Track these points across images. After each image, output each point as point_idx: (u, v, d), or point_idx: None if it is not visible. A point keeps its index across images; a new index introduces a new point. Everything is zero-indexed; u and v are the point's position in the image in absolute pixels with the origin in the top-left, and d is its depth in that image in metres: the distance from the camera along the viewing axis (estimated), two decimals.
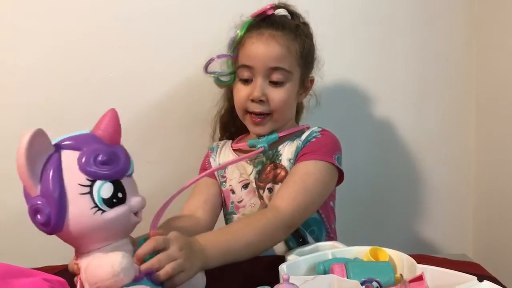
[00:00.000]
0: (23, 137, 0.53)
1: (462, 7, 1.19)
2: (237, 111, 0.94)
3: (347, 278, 0.64)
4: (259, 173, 0.94)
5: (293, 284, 0.57)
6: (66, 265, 0.68)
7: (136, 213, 0.59)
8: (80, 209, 0.55)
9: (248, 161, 0.95)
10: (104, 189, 0.56)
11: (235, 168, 0.96)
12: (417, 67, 1.21)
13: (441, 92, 1.21)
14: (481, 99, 1.20)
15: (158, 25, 1.15)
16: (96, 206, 0.56)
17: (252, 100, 0.89)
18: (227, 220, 0.99)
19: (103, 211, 0.56)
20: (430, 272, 0.64)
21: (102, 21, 1.15)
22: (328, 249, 0.76)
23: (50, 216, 0.54)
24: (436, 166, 1.23)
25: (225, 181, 0.97)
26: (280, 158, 0.93)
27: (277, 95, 0.89)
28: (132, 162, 0.60)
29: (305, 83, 0.96)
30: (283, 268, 0.67)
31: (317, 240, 0.93)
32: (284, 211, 0.79)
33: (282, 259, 0.76)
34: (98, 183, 0.56)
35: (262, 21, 0.91)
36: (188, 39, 1.15)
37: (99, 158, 0.56)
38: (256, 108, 0.90)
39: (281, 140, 0.94)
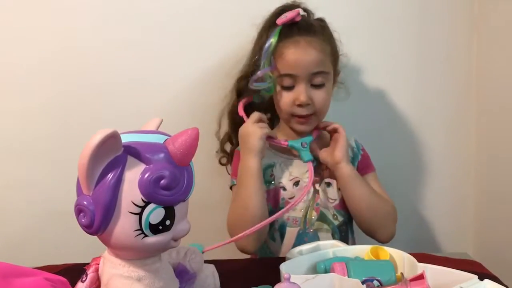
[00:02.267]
0: (94, 136, 0.49)
1: (463, 5, 1.19)
2: (281, 115, 0.99)
3: (348, 277, 0.64)
4: (315, 169, 0.97)
5: (294, 283, 0.57)
6: (68, 265, 0.68)
7: (176, 239, 0.57)
8: (124, 227, 0.53)
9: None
10: (155, 214, 0.53)
11: (283, 168, 1.01)
12: (417, 65, 1.21)
13: (441, 91, 1.21)
14: (481, 98, 1.20)
15: (163, 25, 1.15)
16: (141, 229, 0.53)
17: (299, 105, 0.94)
18: None
19: (146, 235, 0.53)
20: (431, 270, 0.64)
21: (104, 21, 1.14)
22: (329, 248, 0.76)
23: (94, 222, 0.52)
24: (437, 164, 1.23)
25: (273, 180, 1.00)
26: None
27: (320, 96, 0.94)
28: (193, 186, 0.56)
29: (336, 78, 1.02)
30: (284, 267, 0.68)
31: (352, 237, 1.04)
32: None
33: (282, 258, 0.76)
34: (150, 206, 0.52)
35: (292, 28, 0.93)
36: (194, 40, 1.15)
37: (162, 181, 0.52)
38: (303, 112, 0.94)
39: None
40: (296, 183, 0.99)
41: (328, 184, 1.00)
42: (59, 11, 1.13)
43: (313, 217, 0.98)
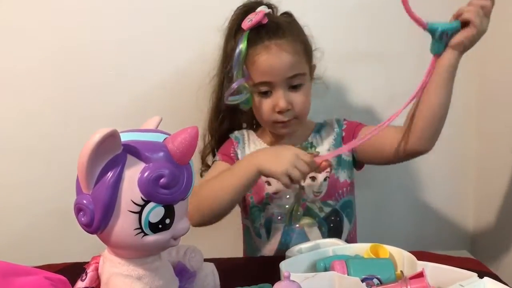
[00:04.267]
0: (94, 135, 0.49)
1: (462, 4, 1.19)
2: (263, 124, 0.97)
3: (348, 275, 0.64)
4: None
5: (293, 281, 0.57)
6: (67, 263, 0.68)
7: (175, 238, 0.57)
8: (123, 226, 0.53)
9: None
10: (154, 213, 0.53)
11: None
12: (416, 63, 1.20)
13: None
14: (481, 97, 1.20)
15: (163, 25, 1.15)
16: (140, 228, 0.53)
17: (279, 112, 0.91)
18: (253, 212, 0.99)
19: (145, 234, 0.53)
20: (431, 268, 0.64)
21: (103, 21, 1.14)
22: (328, 246, 0.76)
23: (93, 220, 0.52)
24: (436, 162, 1.23)
25: None
26: (316, 149, 0.98)
27: (299, 99, 0.92)
28: (193, 185, 0.56)
29: (312, 74, 0.99)
30: (283, 265, 0.68)
31: (350, 223, 1.00)
32: None
33: (282, 256, 0.76)
34: (150, 205, 0.52)
35: (260, 31, 0.89)
36: (195, 40, 1.15)
37: (162, 180, 0.52)
38: (284, 118, 0.92)
39: (307, 133, 1.01)
40: None
41: (313, 178, 0.97)
42: (59, 11, 1.14)
43: (298, 213, 0.96)
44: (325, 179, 0.97)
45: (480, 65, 1.19)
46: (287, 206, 0.96)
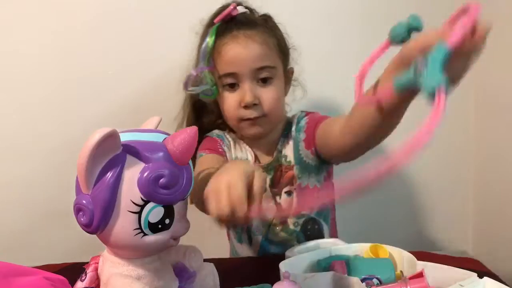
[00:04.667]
0: (93, 135, 0.49)
1: (461, 3, 1.19)
2: (229, 121, 0.90)
3: (348, 275, 0.64)
4: (272, 179, 0.91)
5: (293, 281, 0.57)
6: (67, 264, 0.68)
7: (175, 238, 0.57)
8: (123, 226, 0.52)
9: (262, 169, 0.90)
10: (154, 213, 0.53)
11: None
12: None
13: None
14: (480, 97, 1.20)
15: (162, 24, 1.15)
16: (140, 228, 0.53)
17: (245, 107, 0.85)
18: None
19: (145, 234, 0.53)
20: (430, 268, 0.64)
21: (103, 20, 1.14)
22: (328, 246, 0.76)
23: (93, 221, 0.52)
24: (436, 162, 1.23)
25: None
26: (288, 159, 0.91)
27: (268, 95, 0.85)
28: (192, 185, 0.56)
29: (287, 75, 0.93)
30: (283, 265, 0.68)
31: (328, 227, 0.94)
32: None
33: (282, 256, 0.76)
34: (150, 205, 0.52)
35: (229, 24, 0.85)
36: (191, 38, 1.15)
37: (161, 180, 0.52)
38: (250, 114, 0.85)
39: (276, 139, 0.92)
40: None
41: (289, 193, 0.91)
42: (58, 11, 1.13)
43: (277, 228, 0.92)
44: (289, 194, 0.91)
45: (479, 60, 1.18)
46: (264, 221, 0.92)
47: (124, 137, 0.54)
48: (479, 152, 1.22)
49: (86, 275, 0.59)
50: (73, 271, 0.62)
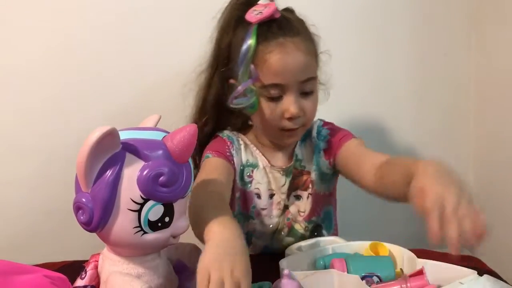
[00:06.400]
0: (93, 133, 0.49)
1: (461, 1, 1.19)
2: (267, 130, 0.85)
3: (348, 273, 0.64)
4: (291, 182, 0.89)
5: (293, 279, 0.57)
6: (67, 262, 0.68)
7: (175, 236, 0.56)
8: (122, 224, 0.52)
9: (281, 172, 0.89)
10: (154, 211, 0.52)
11: (264, 174, 0.89)
12: (415, 61, 1.20)
13: (440, 86, 1.21)
14: (479, 94, 1.20)
15: (163, 24, 1.14)
16: (140, 226, 0.53)
17: (289, 118, 0.80)
18: (237, 219, 0.85)
19: (145, 232, 0.53)
20: (430, 266, 0.64)
21: (103, 20, 1.14)
22: (328, 244, 0.76)
23: (92, 219, 0.52)
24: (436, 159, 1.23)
25: (250, 182, 0.89)
26: (303, 164, 0.90)
27: (311, 106, 0.82)
28: (192, 183, 0.56)
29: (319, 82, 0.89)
30: (283, 263, 0.68)
31: (328, 233, 0.94)
32: None
33: (282, 254, 0.76)
34: (149, 203, 0.52)
35: (271, 27, 0.78)
36: (196, 39, 1.14)
37: (161, 178, 0.51)
38: (293, 125, 0.81)
39: (293, 144, 0.90)
40: (271, 196, 0.89)
41: (298, 197, 0.90)
42: (58, 10, 1.13)
43: (282, 233, 0.90)
44: (308, 197, 0.90)
45: (479, 59, 1.19)
46: (271, 226, 0.90)
47: (124, 135, 0.54)
48: (479, 151, 1.22)
49: (86, 273, 0.59)
50: (73, 269, 0.62)
